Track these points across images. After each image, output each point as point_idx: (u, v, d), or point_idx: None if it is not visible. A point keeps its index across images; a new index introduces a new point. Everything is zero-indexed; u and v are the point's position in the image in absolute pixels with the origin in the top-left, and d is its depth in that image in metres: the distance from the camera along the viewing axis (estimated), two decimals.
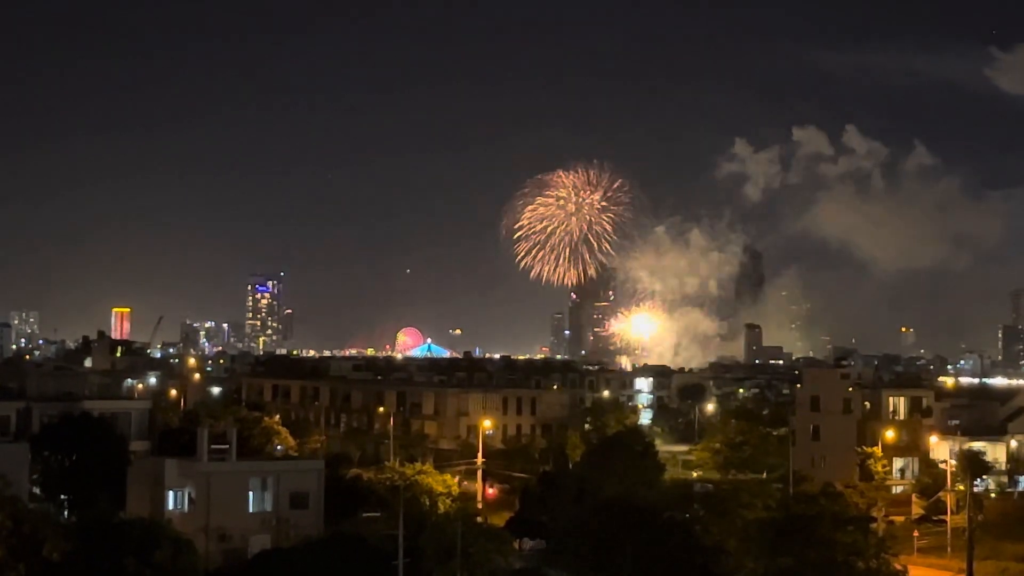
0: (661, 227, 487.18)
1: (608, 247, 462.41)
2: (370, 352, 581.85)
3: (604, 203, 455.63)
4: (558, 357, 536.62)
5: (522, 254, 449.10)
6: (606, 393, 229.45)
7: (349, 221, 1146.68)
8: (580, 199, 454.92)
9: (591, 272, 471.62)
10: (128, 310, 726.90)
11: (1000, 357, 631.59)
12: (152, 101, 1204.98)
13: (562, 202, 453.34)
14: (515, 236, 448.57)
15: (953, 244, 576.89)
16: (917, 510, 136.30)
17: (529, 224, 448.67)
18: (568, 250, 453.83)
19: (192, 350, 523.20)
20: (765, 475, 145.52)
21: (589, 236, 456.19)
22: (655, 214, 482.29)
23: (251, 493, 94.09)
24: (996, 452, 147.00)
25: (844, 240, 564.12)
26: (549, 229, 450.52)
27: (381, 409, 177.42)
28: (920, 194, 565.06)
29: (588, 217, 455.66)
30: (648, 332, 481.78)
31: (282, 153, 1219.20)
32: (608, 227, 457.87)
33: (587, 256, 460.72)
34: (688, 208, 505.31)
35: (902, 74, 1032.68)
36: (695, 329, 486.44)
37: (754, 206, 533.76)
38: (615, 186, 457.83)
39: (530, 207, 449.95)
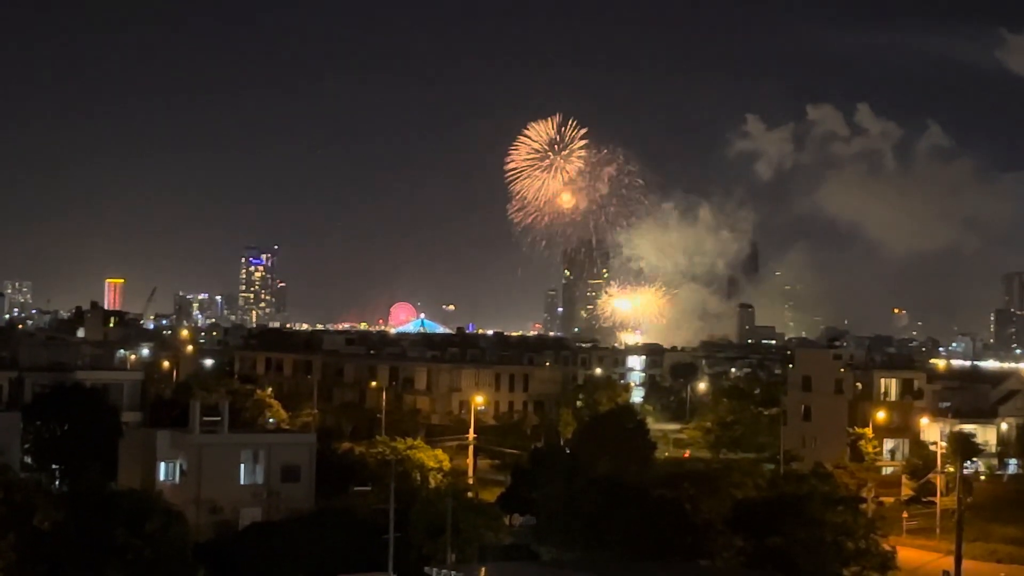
0: (669, 203, 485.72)
1: (612, 222, 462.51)
2: (363, 326, 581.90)
3: (612, 178, 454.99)
4: (551, 334, 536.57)
5: (522, 227, 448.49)
6: (598, 370, 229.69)
7: (343, 196, 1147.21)
8: (586, 174, 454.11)
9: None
10: (121, 281, 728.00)
11: (992, 340, 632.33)
12: (148, 75, 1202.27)
13: (568, 177, 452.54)
14: (517, 211, 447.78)
15: (963, 227, 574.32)
16: (907, 491, 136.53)
17: (532, 199, 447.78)
18: (570, 226, 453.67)
19: (185, 322, 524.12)
20: (756, 455, 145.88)
21: (595, 210, 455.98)
22: (664, 190, 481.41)
23: (242, 466, 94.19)
24: (986, 435, 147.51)
25: (853, 221, 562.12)
26: (553, 205, 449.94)
27: (373, 384, 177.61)
28: (932, 175, 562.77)
29: (595, 192, 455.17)
30: (647, 309, 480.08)
31: (277, 127, 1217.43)
32: (615, 202, 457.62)
33: (592, 229, 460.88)
34: (698, 185, 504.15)
35: (912, 55, 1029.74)
36: (701, 307, 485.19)
37: (765, 185, 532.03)
38: (623, 161, 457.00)
39: (534, 183, 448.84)
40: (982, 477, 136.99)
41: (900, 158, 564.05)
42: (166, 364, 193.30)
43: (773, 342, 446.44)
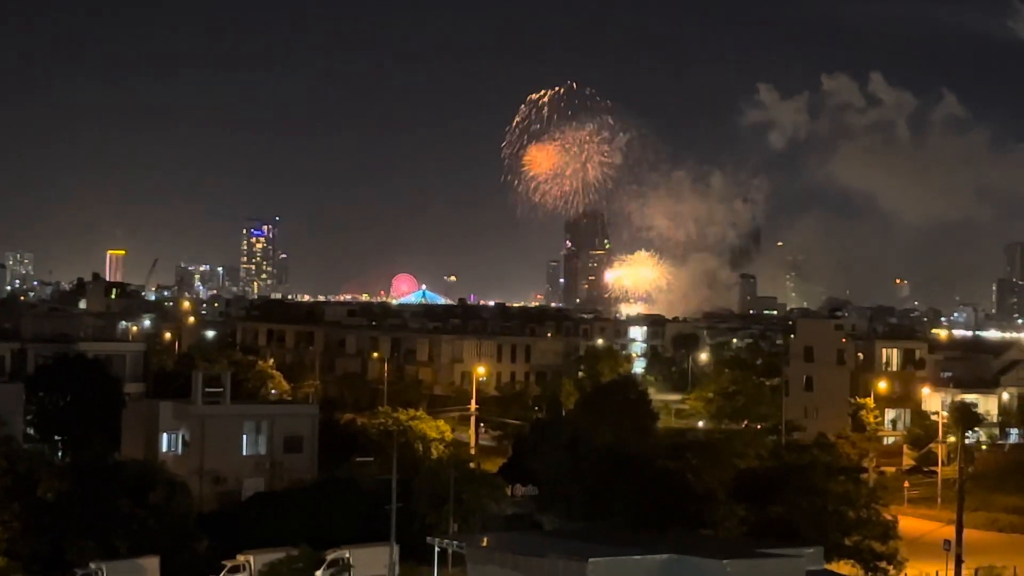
0: (681, 172, 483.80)
1: (624, 191, 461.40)
2: (365, 298, 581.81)
3: (623, 147, 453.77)
4: (553, 305, 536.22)
5: (526, 198, 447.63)
6: (600, 341, 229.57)
7: (344, 167, 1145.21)
8: (596, 143, 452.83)
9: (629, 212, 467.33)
10: (123, 252, 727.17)
11: (994, 310, 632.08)
12: (151, 47, 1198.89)
13: (577, 149, 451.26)
14: (521, 181, 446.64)
15: (977, 197, 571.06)
16: (908, 461, 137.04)
17: (537, 169, 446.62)
18: (577, 192, 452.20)
19: (187, 293, 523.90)
20: (758, 425, 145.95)
21: (603, 179, 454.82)
22: (676, 160, 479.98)
23: (245, 436, 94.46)
24: (988, 404, 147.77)
25: (866, 192, 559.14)
26: (559, 174, 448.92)
27: (375, 355, 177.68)
28: (947, 146, 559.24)
29: (605, 161, 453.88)
30: (655, 279, 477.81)
31: (279, 99, 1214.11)
32: (625, 172, 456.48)
33: (599, 199, 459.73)
34: (710, 156, 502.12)
35: (924, 25, 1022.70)
36: (711, 277, 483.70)
37: (778, 155, 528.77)
38: (635, 131, 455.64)
39: (540, 152, 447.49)
40: (983, 447, 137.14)
41: (914, 128, 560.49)
42: (168, 335, 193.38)
43: (775, 312, 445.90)
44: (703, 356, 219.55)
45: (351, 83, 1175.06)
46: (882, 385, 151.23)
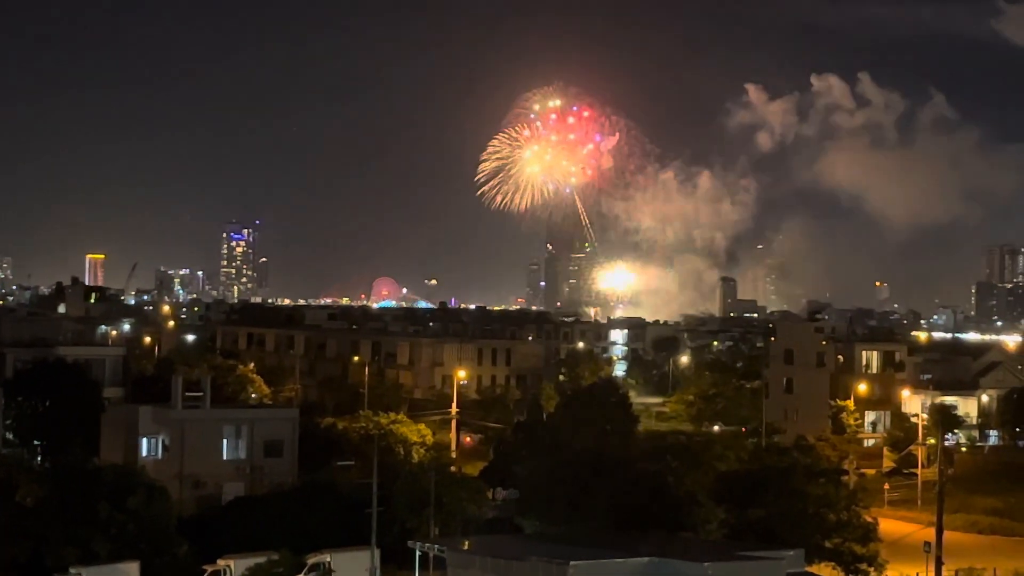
0: (668, 173, 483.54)
1: (611, 193, 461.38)
2: (345, 302, 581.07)
3: (611, 149, 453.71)
4: (534, 308, 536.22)
5: (508, 201, 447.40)
6: (581, 344, 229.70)
7: (325, 170, 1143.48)
8: (582, 145, 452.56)
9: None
10: (102, 257, 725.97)
11: (973, 312, 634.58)
12: (128, 53, 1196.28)
13: (563, 150, 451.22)
14: (504, 182, 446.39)
15: (965, 199, 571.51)
16: (888, 463, 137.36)
17: (520, 172, 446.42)
18: (562, 193, 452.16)
19: (166, 297, 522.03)
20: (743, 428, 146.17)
21: (590, 181, 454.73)
22: (663, 162, 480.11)
23: (225, 440, 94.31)
24: (967, 406, 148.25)
25: (853, 194, 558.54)
26: (543, 177, 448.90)
27: (356, 359, 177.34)
28: (934, 147, 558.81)
29: (591, 162, 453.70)
30: (641, 282, 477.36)
31: (258, 103, 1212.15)
32: (613, 173, 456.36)
33: (581, 201, 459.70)
34: (698, 157, 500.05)
35: (912, 25, 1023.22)
36: (699, 279, 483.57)
37: (765, 156, 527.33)
38: (623, 132, 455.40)
39: (527, 153, 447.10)
40: (963, 449, 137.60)
41: (903, 129, 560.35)
42: (148, 340, 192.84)
43: (755, 315, 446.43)
44: (684, 359, 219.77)
45: (332, 86, 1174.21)
46: (862, 387, 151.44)
